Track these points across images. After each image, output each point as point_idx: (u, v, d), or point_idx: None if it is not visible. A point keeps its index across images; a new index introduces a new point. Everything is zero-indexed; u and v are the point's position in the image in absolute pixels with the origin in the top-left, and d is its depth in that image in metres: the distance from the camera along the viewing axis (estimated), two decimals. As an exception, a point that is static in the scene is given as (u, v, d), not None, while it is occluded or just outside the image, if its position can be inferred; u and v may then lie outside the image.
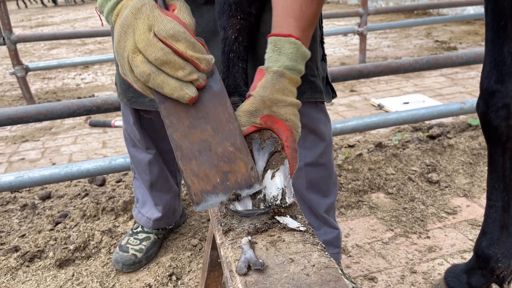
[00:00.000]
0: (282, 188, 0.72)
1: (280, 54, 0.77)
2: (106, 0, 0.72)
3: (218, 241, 0.73)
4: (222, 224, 0.74)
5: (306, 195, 1.23)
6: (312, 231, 0.72)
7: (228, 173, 0.67)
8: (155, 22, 0.65)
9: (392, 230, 1.65)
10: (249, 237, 0.67)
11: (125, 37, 0.66)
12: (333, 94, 1.21)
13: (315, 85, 1.12)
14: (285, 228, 0.69)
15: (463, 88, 3.39)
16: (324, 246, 0.68)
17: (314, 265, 0.63)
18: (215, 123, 0.68)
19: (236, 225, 0.71)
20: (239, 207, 0.69)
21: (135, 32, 0.65)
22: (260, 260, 0.60)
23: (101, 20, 0.77)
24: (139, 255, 1.51)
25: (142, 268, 1.51)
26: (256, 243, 0.67)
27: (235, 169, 0.67)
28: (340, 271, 0.62)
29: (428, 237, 1.59)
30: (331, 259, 0.65)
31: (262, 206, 0.70)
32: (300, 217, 0.74)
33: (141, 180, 1.51)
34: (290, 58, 0.76)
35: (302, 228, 0.70)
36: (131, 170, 1.56)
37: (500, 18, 0.90)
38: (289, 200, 0.71)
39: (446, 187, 1.92)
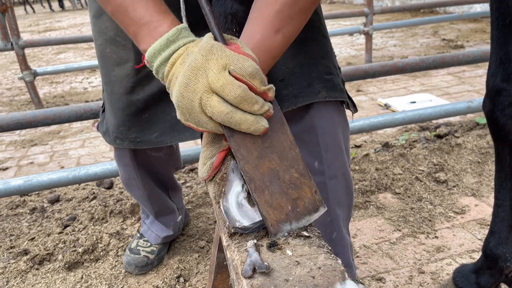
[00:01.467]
0: None
1: None
2: (159, 50, 0.72)
3: (224, 243, 0.73)
4: (226, 225, 0.74)
5: (334, 212, 1.12)
6: (318, 233, 0.71)
7: (297, 199, 0.68)
8: (230, 61, 0.65)
9: (399, 230, 1.64)
10: (255, 240, 0.67)
11: (196, 79, 0.66)
12: (354, 109, 1.13)
13: (332, 83, 1.04)
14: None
15: (470, 87, 3.37)
16: (330, 248, 0.68)
17: (320, 268, 0.62)
18: (280, 151, 0.70)
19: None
20: (246, 223, 0.70)
21: (208, 73, 0.65)
22: (266, 263, 0.60)
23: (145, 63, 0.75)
24: (151, 256, 1.52)
25: (149, 270, 1.52)
26: (262, 246, 0.67)
27: (302, 195, 0.69)
28: (346, 274, 0.62)
29: (436, 237, 1.59)
30: (338, 261, 0.65)
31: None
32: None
33: (146, 209, 1.53)
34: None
35: (306, 234, 0.70)
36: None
37: (505, 16, 0.89)
38: None
39: (454, 186, 1.90)
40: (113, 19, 0.80)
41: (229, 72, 0.65)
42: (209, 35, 0.70)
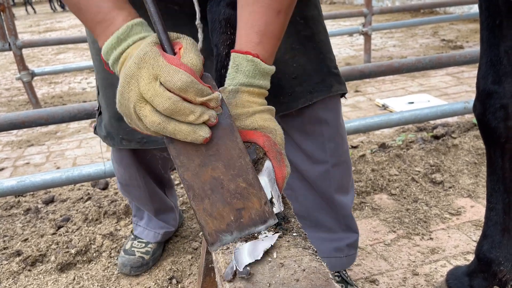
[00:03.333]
0: (270, 198, 0.70)
1: (238, 72, 0.75)
2: (111, 49, 0.70)
3: (211, 245, 0.73)
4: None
5: (336, 198, 1.20)
6: (305, 235, 0.71)
7: (241, 210, 0.66)
8: (161, 72, 0.63)
9: (394, 231, 1.63)
10: (241, 242, 0.66)
11: (129, 87, 0.64)
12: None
13: (339, 76, 1.11)
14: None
15: (469, 87, 3.35)
16: (315, 250, 0.67)
17: (304, 270, 0.62)
18: (226, 159, 0.67)
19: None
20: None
21: (139, 82, 0.63)
22: (247, 268, 0.59)
23: (107, 68, 0.75)
24: (146, 257, 1.51)
25: (145, 271, 1.51)
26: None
27: (249, 205, 0.66)
28: (330, 275, 0.62)
29: (431, 239, 1.58)
30: (322, 263, 0.64)
31: None
32: (293, 220, 0.73)
33: (144, 209, 1.52)
34: (247, 76, 0.75)
35: (294, 233, 0.69)
36: (123, 195, 1.56)
37: (495, 16, 0.88)
38: (276, 210, 0.70)
39: (450, 187, 1.89)
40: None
41: (161, 83, 0.63)
42: (151, 38, 0.67)
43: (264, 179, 0.70)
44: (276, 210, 0.69)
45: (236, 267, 0.59)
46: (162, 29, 0.67)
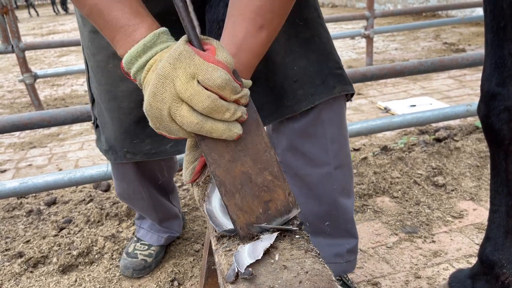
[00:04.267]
0: None
1: None
2: (135, 57, 0.69)
3: (213, 247, 0.73)
4: (216, 230, 0.73)
5: (339, 202, 1.17)
6: (308, 237, 0.71)
7: (269, 202, 0.68)
8: (198, 70, 0.62)
9: (396, 234, 1.63)
10: (243, 245, 0.66)
11: (163, 88, 0.63)
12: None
13: (343, 77, 1.09)
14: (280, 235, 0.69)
15: (471, 90, 3.35)
16: (318, 252, 0.67)
17: (307, 272, 0.62)
18: (254, 153, 0.69)
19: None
20: (230, 225, 0.69)
21: (175, 82, 0.62)
22: (249, 269, 0.59)
23: (129, 77, 0.73)
24: (149, 260, 1.51)
25: (147, 274, 1.51)
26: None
27: (275, 197, 0.68)
28: (333, 277, 0.61)
29: (433, 242, 1.57)
30: (325, 265, 0.64)
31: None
32: (296, 222, 0.73)
33: (148, 218, 1.52)
34: None
35: (297, 235, 0.69)
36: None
37: (500, 19, 0.88)
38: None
39: (452, 190, 1.89)
40: (90, 21, 0.76)
41: (198, 82, 0.62)
42: (183, 39, 0.66)
43: None
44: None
45: (238, 269, 0.59)
46: (191, 25, 0.66)
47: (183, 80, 0.62)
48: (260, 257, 0.61)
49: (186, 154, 0.78)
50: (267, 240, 0.65)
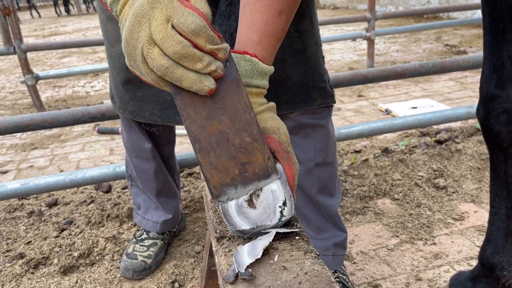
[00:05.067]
0: (283, 201, 0.70)
1: None
2: None
3: (213, 248, 0.73)
4: (217, 231, 0.74)
5: (318, 198, 1.25)
6: (307, 238, 0.71)
7: (246, 164, 0.66)
8: (174, 13, 0.60)
9: (397, 236, 1.63)
10: (242, 245, 0.66)
11: (139, 27, 0.62)
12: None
13: (325, 90, 1.16)
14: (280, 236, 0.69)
15: (472, 92, 3.35)
16: (318, 253, 0.67)
17: (307, 273, 0.62)
18: (232, 113, 0.66)
19: (230, 232, 0.71)
20: (244, 226, 0.68)
21: (151, 22, 0.61)
22: (249, 270, 0.59)
23: (106, 6, 0.70)
24: (148, 261, 1.51)
25: (147, 275, 1.51)
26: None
27: (253, 160, 0.66)
28: (332, 278, 0.62)
29: (434, 244, 1.57)
30: (325, 266, 0.64)
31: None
32: (295, 223, 0.73)
33: (146, 188, 1.53)
34: (244, 75, 0.74)
35: (297, 237, 0.69)
36: (127, 178, 1.57)
37: (498, 21, 0.88)
38: (288, 215, 0.70)
39: (453, 192, 1.89)
40: None
41: (173, 26, 0.61)
42: None
43: (276, 182, 0.69)
44: (287, 213, 0.69)
45: (238, 270, 0.59)
46: None
47: (158, 21, 0.61)
48: (259, 256, 0.61)
49: None
50: (266, 238, 0.65)
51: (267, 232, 0.68)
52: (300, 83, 1.11)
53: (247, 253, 0.62)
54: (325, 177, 1.24)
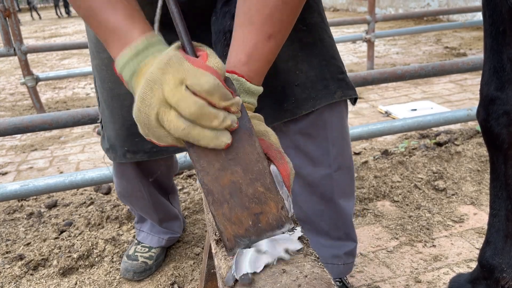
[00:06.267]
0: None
1: None
2: (128, 60, 0.69)
3: (213, 250, 0.73)
4: (216, 233, 0.73)
5: (338, 203, 1.20)
6: (307, 241, 0.71)
7: (259, 214, 0.65)
8: (187, 75, 0.61)
9: (397, 238, 1.63)
10: (244, 248, 0.66)
11: (152, 93, 0.62)
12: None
13: (345, 82, 1.10)
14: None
15: (472, 95, 3.35)
16: (317, 256, 0.66)
17: (306, 276, 0.61)
18: (245, 163, 0.66)
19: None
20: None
21: (164, 87, 0.61)
22: (249, 275, 0.59)
23: (122, 80, 0.72)
24: (149, 262, 1.51)
25: (148, 277, 1.51)
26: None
27: (266, 210, 0.66)
28: (332, 281, 0.61)
29: (434, 246, 1.57)
30: (324, 269, 0.63)
31: None
32: (298, 228, 0.73)
33: (148, 218, 1.53)
34: None
35: (298, 240, 0.69)
36: (125, 204, 1.56)
37: (499, 24, 0.88)
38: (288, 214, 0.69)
39: (453, 194, 1.89)
40: (86, 23, 0.77)
41: (187, 87, 0.61)
42: (174, 45, 0.66)
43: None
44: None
45: (236, 275, 0.59)
46: (184, 30, 0.66)
47: (172, 85, 0.61)
48: (259, 270, 0.60)
49: None
50: (271, 254, 0.64)
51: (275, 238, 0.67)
52: (316, 76, 1.06)
53: (249, 261, 0.61)
54: (345, 181, 1.20)
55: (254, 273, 0.60)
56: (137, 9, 0.74)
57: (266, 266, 0.62)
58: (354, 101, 1.16)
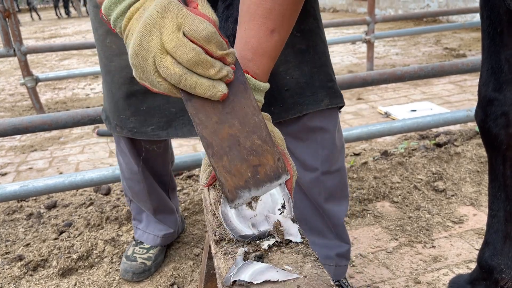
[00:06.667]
0: (282, 203, 0.70)
1: None
2: (115, 2, 0.68)
3: (212, 251, 0.73)
4: (216, 234, 0.74)
5: (325, 207, 1.21)
6: (307, 241, 0.71)
7: (257, 166, 0.67)
8: (185, 21, 0.61)
9: (396, 239, 1.63)
10: (245, 248, 0.66)
11: (150, 37, 0.62)
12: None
13: (333, 90, 1.12)
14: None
15: (471, 96, 3.36)
16: (317, 256, 0.67)
17: (305, 277, 0.62)
18: (241, 116, 0.67)
19: (230, 236, 0.71)
20: (245, 229, 0.68)
21: (162, 32, 0.61)
22: (246, 282, 0.59)
23: (109, 25, 0.71)
24: (148, 263, 1.51)
25: (147, 277, 1.51)
26: (249, 254, 0.66)
27: (264, 162, 0.67)
28: (332, 282, 0.61)
29: (433, 247, 1.57)
30: (324, 270, 0.64)
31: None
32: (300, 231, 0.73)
33: (143, 207, 1.53)
34: None
35: (298, 240, 0.69)
36: (125, 194, 1.56)
37: (496, 25, 0.88)
38: (286, 214, 0.70)
39: (452, 195, 1.89)
40: None
41: (184, 34, 0.61)
42: None
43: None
44: (286, 215, 0.69)
45: (236, 278, 0.59)
46: None
47: (170, 30, 0.61)
48: (256, 283, 0.60)
49: (204, 158, 0.78)
50: (274, 272, 0.63)
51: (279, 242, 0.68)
52: (306, 84, 1.07)
53: (252, 272, 0.61)
54: (334, 185, 1.21)
55: (250, 283, 0.59)
56: None
57: (264, 257, 0.62)
58: (339, 109, 1.18)
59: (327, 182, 1.19)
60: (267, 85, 0.79)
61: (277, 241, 0.68)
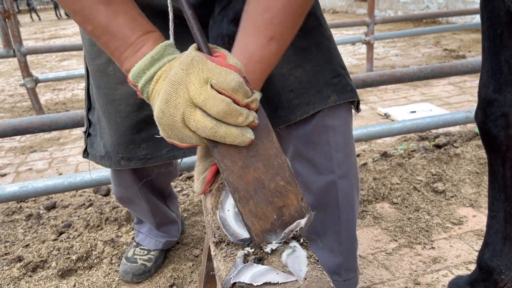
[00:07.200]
0: None
1: None
2: (143, 70, 0.69)
3: (212, 252, 0.73)
4: (215, 235, 0.73)
5: (342, 214, 1.13)
6: (307, 243, 0.71)
7: (282, 207, 0.68)
8: (212, 74, 0.62)
9: (396, 240, 1.63)
10: (245, 251, 0.66)
11: (176, 94, 0.63)
12: (358, 108, 1.17)
13: (341, 85, 1.06)
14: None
15: (471, 97, 3.36)
16: (317, 259, 0.67)
17: (305, 279, 0.62)
18: (265, 159, 0.69)
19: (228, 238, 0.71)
20: (243, 233, 0.68)
21: (189, 87, 0.62)
22: (245, 284, 0.59)
23: (137, 90, 0.73)
24: (148, 264, 1.51)
25: (147, 279, 1.51)
26: (249, 255, 0.66)
27: (288, 203, 0.69)
28: (332, 284, 0.61)
29: (433, 248, 1.57)
30: (324, 272, 0.64)
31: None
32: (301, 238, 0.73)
33: (147, 222, 1.54)
34: None
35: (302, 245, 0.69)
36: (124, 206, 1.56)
37: (496, 26, 0.88)
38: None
39: (452, 197, 1.89)
40: (93, 39, 0.77)
41: (211, 86, 0.62)
42: (192, 47, 0.67)
43: None
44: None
45: (235, 280, 0.59)
46: (200, 32, 0.67)
47: (197, 85, 0.62)
48: (256, 284, 0.60)
49: (196, 165, 0.78)
50: (274, 274, 0.63)
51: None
52: (309, 82, 1.04)
53: (252, 274, 0.61)
54: (349, 190, 1.13)
55: (250, 285, 0.59)
56: (146, 20, 0.75)
57: (267, 262, 0.62)
58: (356, 105, 1.12)
59: (344, 187, 1.11)
60: (259, 93, 0.78)
61: (280, 245, 0.68)
